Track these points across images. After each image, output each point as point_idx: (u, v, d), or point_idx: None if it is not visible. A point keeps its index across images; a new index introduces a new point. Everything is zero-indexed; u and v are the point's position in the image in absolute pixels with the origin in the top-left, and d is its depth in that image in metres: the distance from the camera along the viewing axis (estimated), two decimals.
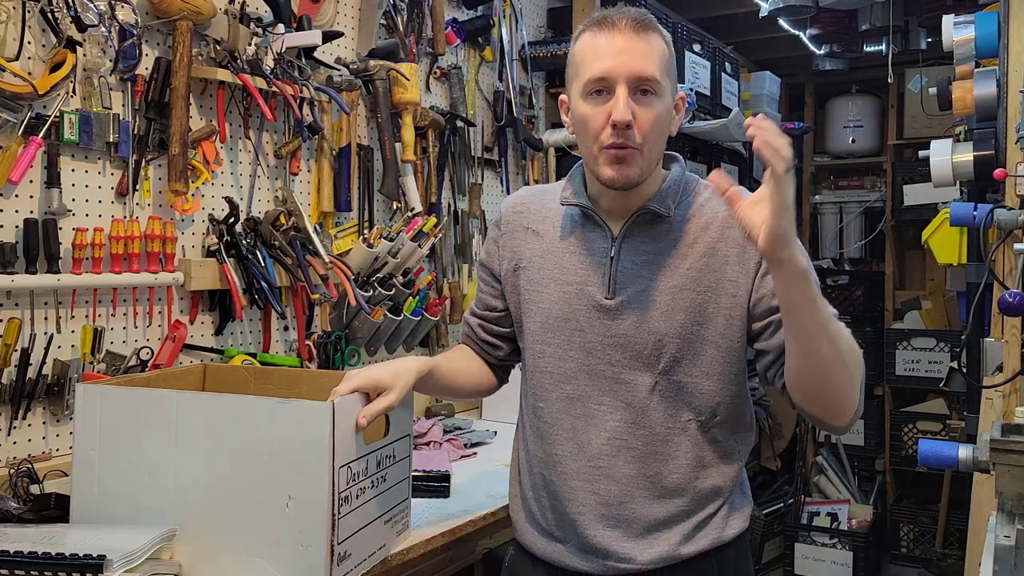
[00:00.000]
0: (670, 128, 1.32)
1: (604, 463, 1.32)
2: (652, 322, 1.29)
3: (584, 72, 1.28)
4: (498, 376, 1.58)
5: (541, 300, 1.37)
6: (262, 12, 2.05)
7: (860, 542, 3.93)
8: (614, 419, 1.31)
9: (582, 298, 1.34)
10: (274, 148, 2.14)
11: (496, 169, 2.93)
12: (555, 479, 1.35)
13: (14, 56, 1.58)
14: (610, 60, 1.25)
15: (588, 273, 1.34)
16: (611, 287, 1.32)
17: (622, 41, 1.25)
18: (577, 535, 1.34)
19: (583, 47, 1.30)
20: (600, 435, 1.32)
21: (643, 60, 1.25)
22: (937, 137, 2.40)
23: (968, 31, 2.15)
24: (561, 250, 1.38)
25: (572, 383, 1.34)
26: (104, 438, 1.33)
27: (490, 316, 1.51)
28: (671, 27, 3.21)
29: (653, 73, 1.25)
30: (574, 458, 1.33)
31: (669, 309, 1.29)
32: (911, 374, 4.28)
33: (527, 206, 1.46)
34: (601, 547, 1.32)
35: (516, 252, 1.44)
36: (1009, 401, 1.89)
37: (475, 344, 1.55)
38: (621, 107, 1.23)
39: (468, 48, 2.79)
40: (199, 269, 1.88)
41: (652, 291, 1.30)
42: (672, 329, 1.29)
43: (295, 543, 1.24)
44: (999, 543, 1.26)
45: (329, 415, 1.23)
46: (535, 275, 1.39)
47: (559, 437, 1.35)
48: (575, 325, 1.34)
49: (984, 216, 1.90)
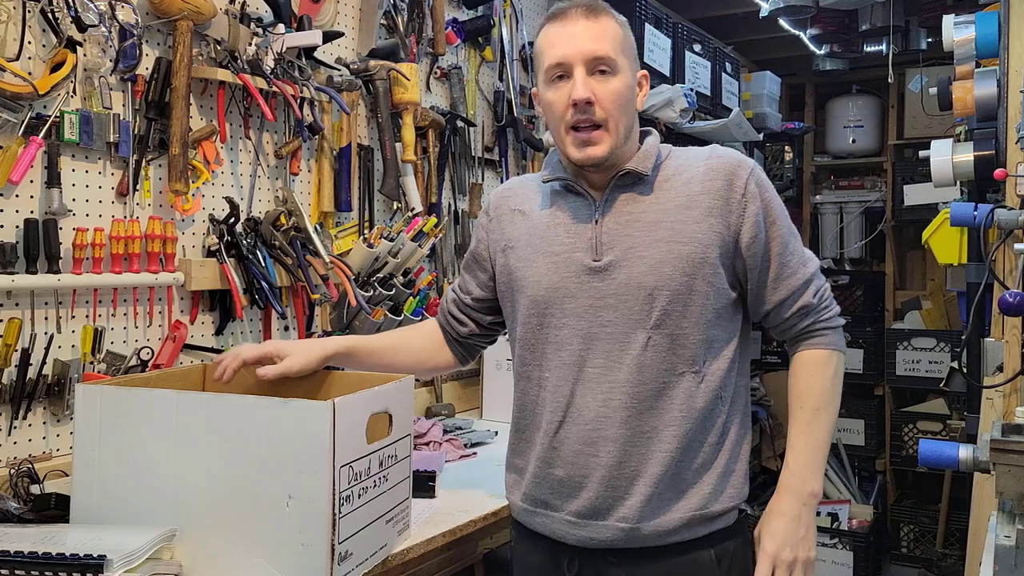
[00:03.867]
0: (635, 103, 1.40)
1: (602, 425, 1.34)
2: (641, 277, 1.34)
3: (544, 61, 1.38)
4: (457, 354, 1.63)
5: (531, 274, 1.41)
6: (262, 12, 2.05)
7: (860, 542, 3.93)
8: (610, 379, 1.34)
9: (570, 264, 1.38)
10: (274, 148, 2.14)
11: (496, 169, 2.93)
12: (556, 446, 1.38)
13: (14, 56, 1.58)
14: (566, 46, 1.35)
15: (574, 240, 1.39)
16: (598, 249, 1.37)
17: (574, 27, 1.35)
18: (576, 500, 1.36)
19: (543, 39, 1.40)
20: (597, 397, 1.35)
21: (595, 41, 1.34)
22: (937, 137, 2.40)
23: (968, 31, 2.15)
24: (547, 224, 1.43)
25: (567, 349, 1.37)
26: (104, 438, 1.33)
27: (464, 299, 1.58)
28: (671, 27, 3.21)
29: (607, 52, 1.34)
30: (573, 423, 1.36)
31: (657, 262, 1.33)
32: (911, 374, 4.28)
33: (513, 191, 1.53)
34: (599, 510, 1.35)
35: (505, 234, 1.49)
36: (1009, 401, 1.89)
37: (443, 316, 1.63)
38: (579, 86, 1.33)
39: (468, 48, 2.79)
40: (199, 269, 1.88)
41: (638, 247, 1.35)
42: (661, 282, 1.33)
43: (295, 542, 1.24)
44: (999, 543, 1.26)
45: (330, 414, 1.23)
46: (523, 252, 1.44)
47: (558, 405, 1.38)
48: (565, 292, 1.38)
49: (984, 216, 1.90)
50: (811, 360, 1.43)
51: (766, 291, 1.41)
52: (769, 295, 1.41)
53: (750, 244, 1.37)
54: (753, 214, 1.36)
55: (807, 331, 1.43)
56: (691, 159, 1.41)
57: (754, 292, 1.41)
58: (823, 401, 1.41)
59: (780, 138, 4.42)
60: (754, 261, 1.38)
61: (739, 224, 1.36)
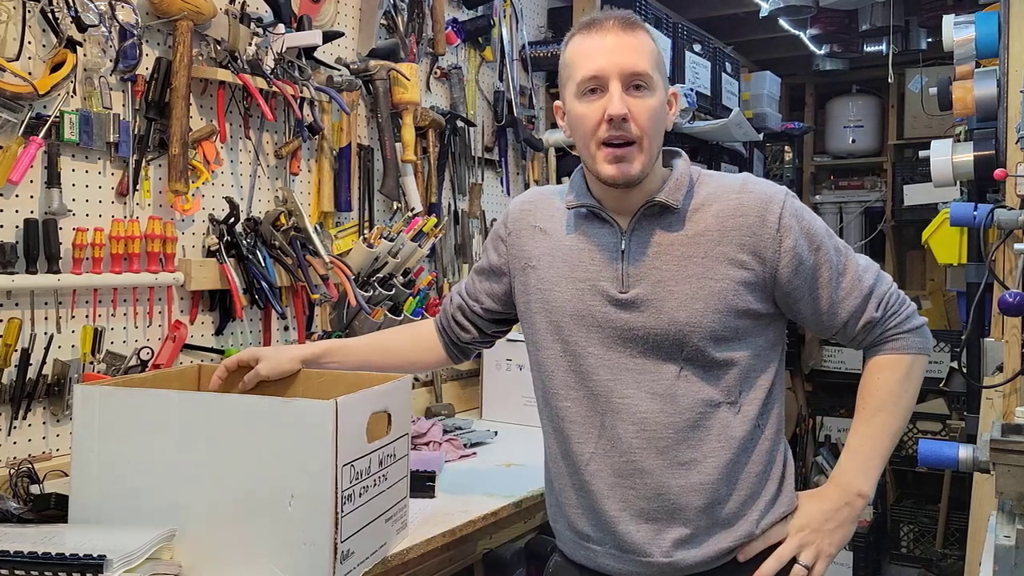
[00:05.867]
0: (666, 122, 1.34)
1: (637, 456, 1.30)
2: (671, 312, 1.29)
3: (577, 73, 1.30)
4: (452, 355, 1.62)
5: (554, 298, 1.37)
6: (262, 12, 2.05)
7: (860, 542, 3.93)
8: (641, 410, 1.30)
9: (595, 294, 1.33)
10: (274, 148, 2.14)
11: (496, 169, 2.93)
12: (588, 479, 1.33)
13: (14, 56, 1.58)
14: (602, 58, 1.27)
15: (599, 269, 1.34)
16: (624, 281, 1.32)
17: (612, 40, 1.28)
18: (615, 535, 1.32)
19: (574, 50, 1.32)
20: (629, 428, 1.30)
21: (634, 56, 1.28)
22: (937, 137, 2.40)
23: (968, 31, 2.15)
24: (570, 247, 1.38)
25: (594, 379, 1.33)
26: (103, 438, 1.33)
27: (472, 306, 1.55)
28: (671, 27, 3.21)
29: (644, 68, 1.28)
30: (606, 455, 1.32)
31: (688, 299, 1.29)
32: None
33: (534, 204, 1.47)
34: (640, 545, 1.30)
35: (525, 251, 1.44)
36: (1009, 401, 1.89)
37: (445, 319, 1.60)
38: (616, 101, 1.26)
39: (468, 48, 2.79)
40: (199, 269, 1.88)
41: (667, 282, 1.30)
42: (693, 319, 1.28)
43: (298, 541, 1.24)
44: (999, 543, 1.26)
45: (333, 414, 1.23)
46: (545, 273, 1.39)
47: (589, 436, 1.33)
48: (591, 321, 1.33)
49: (984, 216, 1.90)
50: (879, 363, 1.39)
51: (825, 317, 1.36)
52: (829, 320, 1.36)
53: (792, 277, 1.31)
54: (790, 248, 1.30)
55: (877, 341, 1.38)
56: (724, 189, 1.34)
57: (812, 318, 1.37)
58: (885, 402, 1.37)
59: (780, 138, 4.43)
60: (801, 292, 1.33)
61: (776, 260, 1.30)
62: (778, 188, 1.35)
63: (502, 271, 1.50)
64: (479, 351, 1.65)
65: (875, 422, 1.37)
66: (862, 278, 1.36)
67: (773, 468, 1.36)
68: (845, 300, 1.35)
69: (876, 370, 1.39)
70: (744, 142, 3.68)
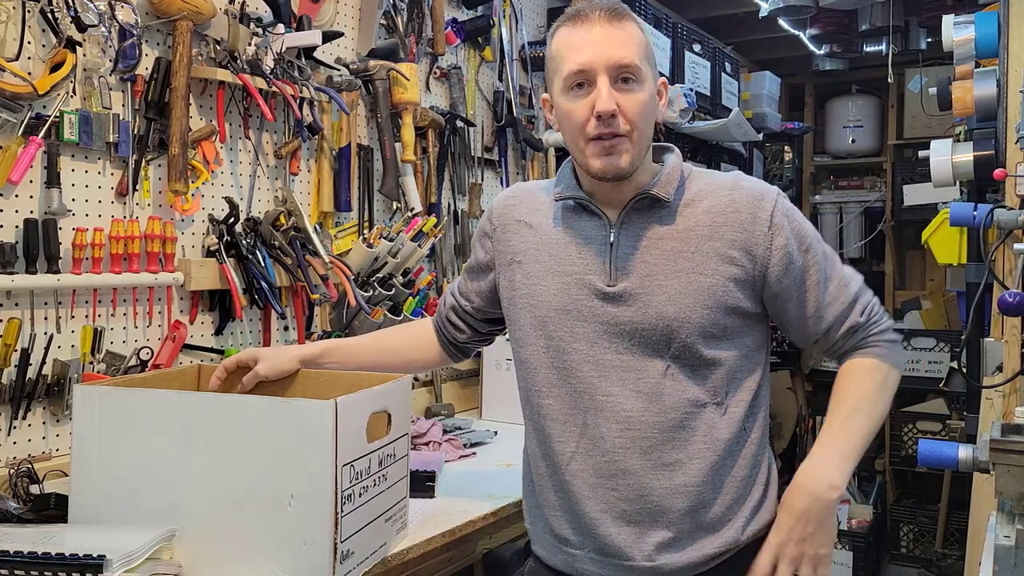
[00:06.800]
0: (656, 114, 1.32)
1: (620, 456, 1.27)
2: (660, 307, 1.26)
3: (563, 67, 1.27)
4: (451, 355, 1.62)
5: (539, 293, 1.34)
6: (262, 12, 2.05)
7: (860, 542, 3.93)
8: (626, 409, 1.27)
9: (582, 287, 1.31)
10: (274, 148, 2.14)
11: (496, 169, 2.93)
12: (569, 479, 1.31)
13: (14, 56, 1.58)
14: (588, 52, 1.24)
15: (587, 262, 1.31)
16: (612, 274, 1.29)
17: (598, 32, 1.25)
18: (595, 538, 1.29)
19: (560, 43, 1.29)
20: (612, 427, 1.27)
21: (621, 48, 1.25)
22: (937, 137, 2.40)
23: (968, 31, 2.15)
24: (556, 240, 1.35)
25: (578, 376, 1.30)
26: (103, 438, 1.33)
27: (464, 305, 1.55)
28: (671, 27, 3.21)
29: (633, 60, 1.25)
30: (588, 455, 1.29)
31: (677, 293, 1.27)
32: (911, 374, 4.27)
33: (518, 199, 1.45)
34: (621, 548, 1.28)
35: (511, 246, 1.42)
36: (1009, 401, 1.89)
37: (440, 320, 1.60)
38: (604, 97, 1.23)
39: (468, 48, 2.79)
40: (199, 269, 1.88)
41: (657, 276, 1.28)
42: (682, 314, 1.26)
43: (298, 541, 1.24)
44: (999, 543, 1.26)
45: (332, 414, 1.23)
46: (531, 268, 1.37)
47: (570, 435, 1.31)
48: (576, 316, 1.30)
49: (984, 216, 1.90)
50: (856, 365, 1.36)
51: (810, 321, 1.34)
52: (814, 325, 1.34)
53: (781, 277, 1.29)
54: (781, 246, 1.29)
55: (858, 346, 1.36)
56: (715, 186, 1.33)
57: (797, 323, 1.34)
58: (862, 402, 1.33)
59: (780, 138, 4.43)
60: (789, 293, 1.31)
61: (767, 258, 1.28)
62: (770, 187, 1.34)
63: (489, 267, 1.48)
64: (478, 349, 1.64)
65: (851, 421, 1.33)
66: (848, 284, 1.35)
67: (759, 473, 1.34)
68: (832, 305, 1.33)
69: (854, 372, 1.36)
70: (744, 142, 3.68)
